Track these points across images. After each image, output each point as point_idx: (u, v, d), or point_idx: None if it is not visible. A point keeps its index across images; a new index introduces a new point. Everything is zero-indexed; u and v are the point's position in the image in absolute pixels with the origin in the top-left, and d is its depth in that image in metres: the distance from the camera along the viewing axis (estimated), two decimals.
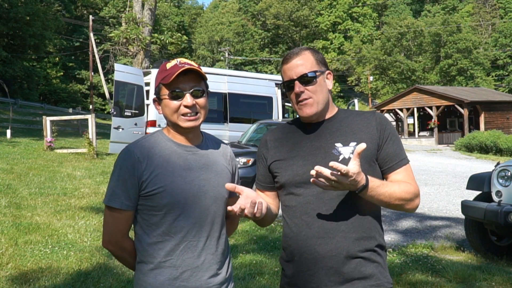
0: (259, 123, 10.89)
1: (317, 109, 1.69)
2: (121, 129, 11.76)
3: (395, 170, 1.69)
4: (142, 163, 1.60)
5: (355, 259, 1.61)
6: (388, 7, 65.00)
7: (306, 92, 1.68)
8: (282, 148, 1.75)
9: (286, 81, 1.71)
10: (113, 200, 1.62)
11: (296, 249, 1.66)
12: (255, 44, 59.09)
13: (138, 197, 1.62)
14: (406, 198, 1.63)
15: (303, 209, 1.66)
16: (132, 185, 1.60)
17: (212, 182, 1.67)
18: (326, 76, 1.73)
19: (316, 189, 1.63)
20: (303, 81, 1.68)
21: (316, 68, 1.69)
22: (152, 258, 1.62)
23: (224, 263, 1.72)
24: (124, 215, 1.64)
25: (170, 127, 1.70)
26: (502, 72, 54.01)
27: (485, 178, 5.41)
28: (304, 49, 1.74)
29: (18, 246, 5.07)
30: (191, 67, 1.61)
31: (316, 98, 1.68)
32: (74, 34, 42.91)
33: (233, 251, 5.22)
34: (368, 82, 49.57)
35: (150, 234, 1.63)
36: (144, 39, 18.99)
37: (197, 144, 1.71)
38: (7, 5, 28.65)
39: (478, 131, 26.07)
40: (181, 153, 1.67)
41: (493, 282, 4.38)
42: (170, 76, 1.60)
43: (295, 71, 1.68)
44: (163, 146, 1.66)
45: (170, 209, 1.60)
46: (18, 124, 20.39)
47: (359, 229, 1.63)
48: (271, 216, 1.77)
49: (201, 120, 1.67)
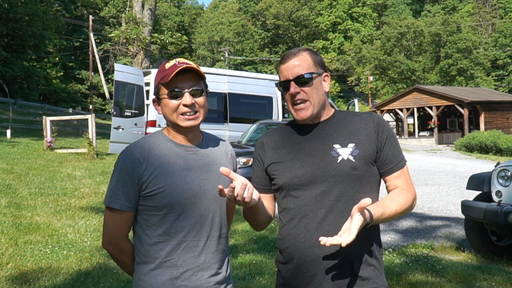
0: (259, 123, 10.90)
1: (312, 112, 1.68)
2: (121, 129, 11.76)
3: (394, 172, 1.70)
4: (142, 164, 1.61)
5: (353, 262, 1.61)
6: (388, 7, 65.00)
7: (301, 93, 1.68)
8: (279, 150, 1.74)
9: (282, 81, 1.71)
10: (113, 201, 1.62)
11: (294, 251, 1.65)
12: (255, 44, 59.10)
13: (138, 198, 1.63)
14: (406, 209, 1.67)
15: (302, 211, 1.65)
16: (132, 186, 1.61)
17: (212, 181, 1.67)
18: (323, 78, 1.73)
19: (314, 191, 1.63)
20: (299, 82, 1.67)
21: (313, 69, 1.69)
22: (153, 259, 1.62)
23: (224, 262, 1.72)
24: (124, 216, 1.64)
25: (170, 127, 1.70)
26: (502, 72, 54.01)
27: (485, 178, 5.41)
28: (302, 50, 1.73)
29: (18, 246, 5.07)
30: (190, 66, 1.62)
31: (312, 100, 1.68)
32: (74, 34, 42.91)
33: (233, 251, 5.22)
34: (368, 82, 49.57)
35: (151, 234, 1.63)
36: (144, 39, 18.99)
37: (197, 143, 1.71)
38: (7, 5, 28.64)
39: (478, 131, 26.06)
40: (181, 153, 1.67)
41: (493, 282, 4.37)
42: (169, 76, 1.60)
43: (292, 72, 1.68)
44: (163, 146, 1.66)
45: (170, 209, 1.60)
46: (18, 124, 20.38)
47: None
48: (266, 217, 1.76)
49: (201, 119, 1.67)
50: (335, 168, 1.63)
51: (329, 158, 1.64)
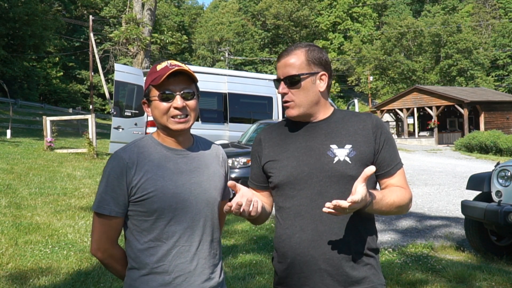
0: (259, 123, 10.90)
1: (298, 112, 1.68)
2: (121, 129, 11.75)
3: (392, 176, 1.70)
4: (132, 169, 1.57)
5: (348, 262, 1.60)
6: (388, 7, 64.99)
7: (288, 95, 1.68)
8: (276, 148, 1.73)
9: (275, 79, 1.73)
10: (101, 207, 1.59)
11: (289, 250, 1.64)
12: (255, 44, 59.10)
13: (128, 203, 1.60)
14: (403, 205, 1.67)
15: (297, 211, 1.64)
16: (122, 191, 1.57)
17: (203, 185, 1.65)
18: (319, 77, 1.69)
19: (309, 191, 1.62)
20: (287, 82, 1.67)
21: (304, 70, 1.66)
22: (144, 264, 1.58)
23: (216, 267, 1.69)
24: (113, 222, 1.61)
25: (160, 130, 1.68)
26: (502, 72, 53.99)
27: (485, 178, 5.41)
28: (301, 46, 1.70)
29: (18, 246, 5.08)
30: (182, 68, 1.60)
31: (298, 101, 1.67)
32: (74, 34, 42.91)
33: (233, 251, 5.22)
34: (368, 82, 49.56)
35: (141, 240, 1.59)
36: (144, 39, 18.99)
37: (187, 147, 1.69)
38: (7, 5, 28.64)
39: (478, 131, 26.06)
40: (171, 157, 1.64)
41: (493, 282, 4.37)
42: (160, 78, 1.58)
43: (283, 71, 1.68)
44: (152, 150, 1.63)
45: (161, 214, 1.57)
46: (18, 124, 20.39)
47: (352, 231, 1.62)
48: (265, 214, 1.76)
49: (191, 123, 1.65)
50: (331, 169, 1.62)
51: (325, 158, 1.63)
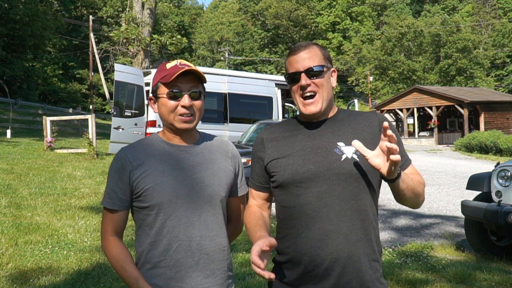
0: (259, 123, 10.90)
1: (321, 106, 1.65)
2: (121, 129, 11.76)
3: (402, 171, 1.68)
4: (133, 163, 1.63)
5: (355, 264, 1.57)
6: (387, 7, 64.98)
7: (312, 85, 1.64)
8: (280, 147, 1.70)
9: (291, 72, 1.67)
10: (106, 200, 1.65)
11: (295, 250, 1.61)
12: (255, 44, 59.11)
13: (131, 198, 1.64)
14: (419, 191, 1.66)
15: (303, 210, 1.60)
16: (124, 185, 1.63)
17: (206, 180, 1.65)
18: (331, 74, 1.71)
19: (316, 189, 1.59)
20: (309, 74, 1.65)
21: (323, 63, 1.67)
22: (149, 259, 1.62)
23: (222, 263, 1.69)
24: (116, 215, 1.65)
25: (165, 128, 1.71)
26: (502, 72, 53.99)
27: (485, 178, 5.42)
28: (312, 43, 1.71)
29: (18, 246, 5.08)
30: (192, 68, 1.63)
31: (322, 93, 1.65)
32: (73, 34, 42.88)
33: (233, 251, 5.22)
34: (368, 82, 49.56)
35: (146, 234, 1.63)
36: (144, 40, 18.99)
37: (192, 143, 1.71)
38: (7, 5, 28.63)
39: (478, 131, 26.04)
40: (174, 153, 1.67)
41: (493, 282, 4.37)
42: (170, 76, 1.60)
43: (302, 64, 1.65)
44: (156, 147, 1.67)
45: (160, 208, 1.60)
46: (18, 124, 20.38)
47: (359, 231, 1.59)
48: None
49: (196, 123, 1.67)
50: (339, 167, 1.59)
51: (332, 156, 1.61)
